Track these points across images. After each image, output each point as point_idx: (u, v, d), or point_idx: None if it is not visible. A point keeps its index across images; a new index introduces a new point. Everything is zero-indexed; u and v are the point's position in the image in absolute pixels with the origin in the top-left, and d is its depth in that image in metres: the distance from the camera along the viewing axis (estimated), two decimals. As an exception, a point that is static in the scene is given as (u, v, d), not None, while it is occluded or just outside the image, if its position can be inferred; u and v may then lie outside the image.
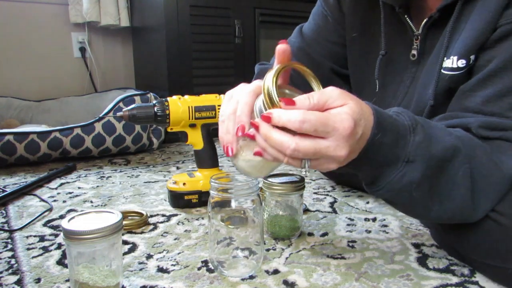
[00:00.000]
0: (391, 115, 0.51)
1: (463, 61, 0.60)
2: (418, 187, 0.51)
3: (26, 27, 1.98)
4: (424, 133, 0.51)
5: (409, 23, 0.68)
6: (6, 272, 0.65)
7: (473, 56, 0.60)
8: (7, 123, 1.69)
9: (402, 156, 0.50)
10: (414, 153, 0.50)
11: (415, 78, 0.70)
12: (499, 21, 0.56)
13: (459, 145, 0.53)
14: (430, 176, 0.52)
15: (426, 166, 0.50)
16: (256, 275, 0.63)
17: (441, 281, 0.61)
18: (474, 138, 0.56)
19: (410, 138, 0.50)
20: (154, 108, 0.89)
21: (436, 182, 0.52)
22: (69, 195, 1.05)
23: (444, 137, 0.53)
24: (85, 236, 0.54)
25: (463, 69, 0.60)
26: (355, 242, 0.74)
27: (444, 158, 0.51)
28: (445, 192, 0.53)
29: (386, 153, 0.50)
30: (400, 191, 0.52)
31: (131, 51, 2.21)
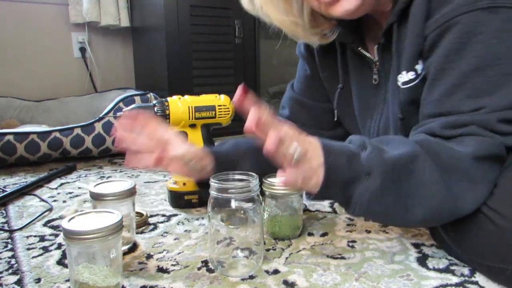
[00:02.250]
0: (340, 143, 0.59)
1: (412, 73, 0.65)
2: (383, 195, 0.55)
3: (26, 27, 1.98)
4: (373, 147, 0.56)
5: (364, 53, 0.74)
6: (6, 272, 0.65)
7: (419, 66, 0.64)
8: (7, 123, 1.69)
9: (361, 171, 0.55)
10: (367, 164, 0.55)
11: (386, 99, 0.74)
12: (425, 32, 0.61)
13: (415, 148, 0.56)
14: (392, 182, 0.55)
15: (382, 172, 0.54)
16: (256, 275, 0.63)
17: (441, 281, 0.61)
18: (432, 139, 0.59)
19: (361, 154, 0.56)
20: (154, 108, 0.89)
21: (405, 186, 0.55)
22: (69, 195, 1.05)
23: (398, 146, 0.57)
24: (85, 236, 0.54)
25: (416, 80, 0.65)
26: (355, 242, 0.74)
27: (402, 162, 0.55)
28: (419, 193, 0.55)
29: (345, 173, 0.55)
30: (369, 203, 0.55)
31: (131, 51, 2.21)
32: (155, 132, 0.64)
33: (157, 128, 0.65)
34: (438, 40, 0.60)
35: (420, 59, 0.64)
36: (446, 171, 0.56)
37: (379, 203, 0.55)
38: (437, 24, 0.60)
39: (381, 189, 0.55)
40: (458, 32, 0.58)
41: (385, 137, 0.62)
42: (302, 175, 0.54)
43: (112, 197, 0.69)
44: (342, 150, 0.56)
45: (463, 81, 0.58)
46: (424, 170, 0.55)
